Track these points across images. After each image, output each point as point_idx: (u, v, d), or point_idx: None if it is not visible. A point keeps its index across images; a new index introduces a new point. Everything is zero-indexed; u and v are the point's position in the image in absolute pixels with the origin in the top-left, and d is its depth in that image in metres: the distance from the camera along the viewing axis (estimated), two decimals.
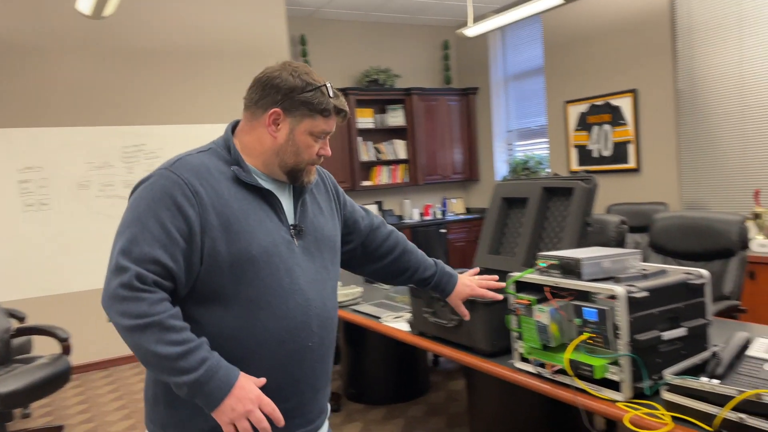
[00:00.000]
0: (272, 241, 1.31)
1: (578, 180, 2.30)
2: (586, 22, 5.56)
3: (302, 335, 1.33)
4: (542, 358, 1.83)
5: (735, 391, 1.36)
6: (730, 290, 2.93)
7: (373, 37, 7.03)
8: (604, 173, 5.47)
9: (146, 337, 1.16)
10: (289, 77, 1.32)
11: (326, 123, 1.35)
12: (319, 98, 1.33)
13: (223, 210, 1.26)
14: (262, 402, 1.21)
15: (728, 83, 4.52)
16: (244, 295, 1.26)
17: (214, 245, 1.24)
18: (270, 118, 1.33)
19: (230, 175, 1.31)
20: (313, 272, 1.37)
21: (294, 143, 1.34)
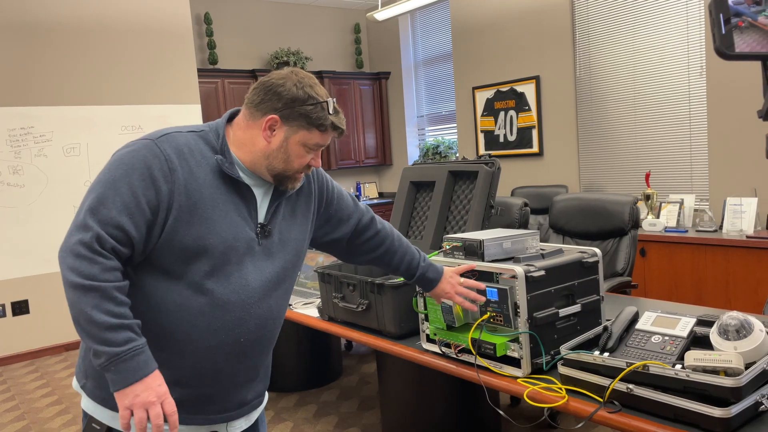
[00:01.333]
0: (233, 234, 1.32)
1: (482, 164, 2.34)
2: (492, 9, 5.69)
3: (236, 330, 1.34)
4: (447, 339, 1.86)
5: (624, 363, 1.44)
6: (622, 267, 3.11)
7: (282, 18, 6.86)
8: (510, 157, 5.65)
9: (87, 298, 1.18)
10: (293, 87, 1.34)
11: (321, 137, 1.37)
12: (319, 113, 1.35)
13: (194, 193, 1.28)
14: (166, 400, 1.21)
15: (622, 72, 4.78)
16: (190, 277, 1.29)
17: (176, 225, 1.26)
18: (267, 123, 1.34)
19: (212, 163, 1.32)
20: (267, 273, 1.38)
21: (286, 151, 1.35)
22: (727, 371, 1.33)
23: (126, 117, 5.03)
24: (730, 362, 1.33)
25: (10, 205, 4.60)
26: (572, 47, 5.07)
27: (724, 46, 1.19)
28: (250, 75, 6.26)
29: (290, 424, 3.24)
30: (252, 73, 6.25)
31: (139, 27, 5.07)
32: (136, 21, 5.05)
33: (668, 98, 4.51)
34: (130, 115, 5.04)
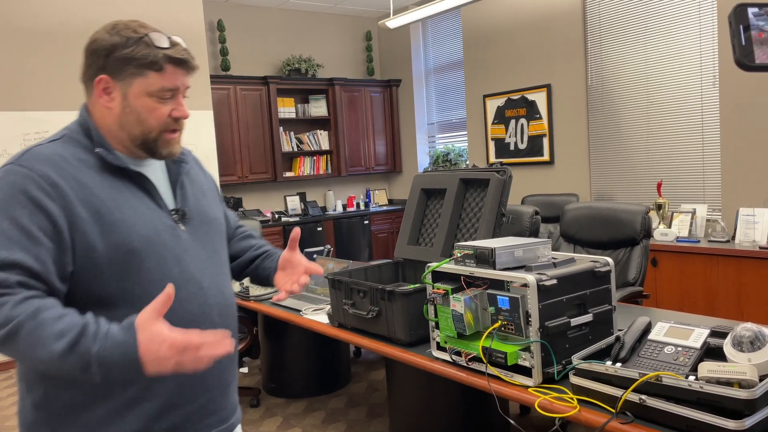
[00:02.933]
0: (153, 228, 1.18)
1: (493, 171, 2.34)
2: (504, 17, 5.69)
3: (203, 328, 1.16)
4: (458, 347, 1.85)
5: (636, 374, 1.43)
6: (634, 277, 3.09)
7: (294, 26, 6.90)
8: (520, 165, 5.64)
9: (21, 342, 1.00)
10: (106, 35, 1.17)
11: (163, 78, 1.17)
12: (143, 51, 1.15)
13: (91, 201, 1.12)
14: (175, 341, 1.01)
15: (634, 80, 4.77)
16: (130, 292, 1.13)
17: (87, 241, 1.10)
18: (99, 88, 1.17)
19: (93, 162, 1.16)
20: (204, 258, 1.26)
21: (132, 110, 1.17)
22: (741, 383, 1.32)
23: None
24: (745, 374, 1.32)
25: None
26: (584, 56, 5.06)
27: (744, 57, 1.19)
28: (262, 82, 6.30)
29: (299, 431, 3.23)
30: (264, 79, 6.29)
31: None
32: None
33: (681, 107, 4.48)
34: None
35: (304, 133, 6.80)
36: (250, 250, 1.54)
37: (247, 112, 6.22)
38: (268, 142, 6.37)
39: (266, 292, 3.24)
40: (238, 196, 6.38)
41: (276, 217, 6.49)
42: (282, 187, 6.82)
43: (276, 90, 6.40)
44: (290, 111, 6.61)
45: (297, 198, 6.85)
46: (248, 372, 4.22)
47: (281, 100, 6.51)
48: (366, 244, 6.89)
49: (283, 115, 6.51)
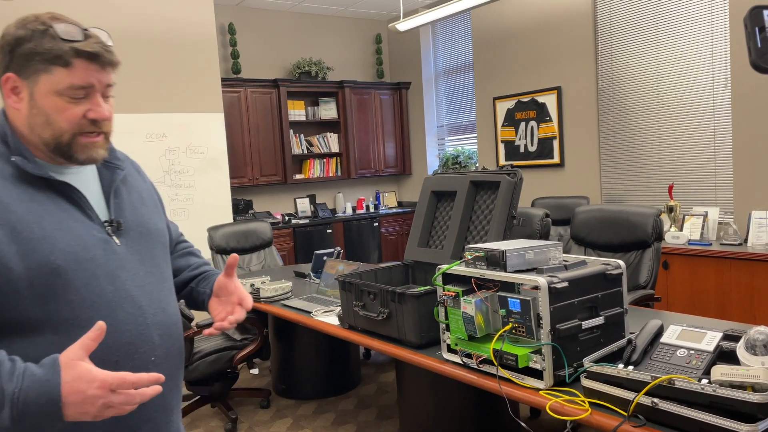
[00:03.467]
0: (81, 244, 1.06)
1: (504, 174, 2.34)
2: (513, 19, 5.69)
3: (141, 350, 1.09)
4: (468, 349, 1.85)
5: (648, 377, 1.43)
6: (645, 280, 3.08)
7: (304, 29, 6.93)
8: (530, 168, 5.63)
9: None
10: (12, 29, 1.04)
11: (71, 74, 1.04)
12: (48, 44, 1.02)
13: (6, 217, 1.00)
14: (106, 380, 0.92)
15: (645, 82, 4.74)
16: (56, 316, 1.01)
17: (3, 262, 0.97)
18: (6, 87, 1.06)
19: (10, 172, 1.04)
20: (143, 274, 1.14)
21: (40, 111, 1.05)
22: (754, 387, 1.31)
23: (151, 125, 5.11)
24: (758, 377, 1.31)
25: None
26: (594, 58, 5.05)
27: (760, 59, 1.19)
28: (272, 84, 6.32)
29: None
30: (274, 82, 6.32)
31: (165, 37, 5.16)
32: (162, 31, 5.14)
33: (692, 109, 4.46)
34: (154, 123, 5.12)
35: (314, 135, 6.82)
36: (187, 269, 1.42)
37: (257, 114, 6.25)
38: (278, 144, 6.40)
39: (276, 294, 3.25)
40: (249, 198, 6.41)
41: (286, 219, 6.51)
42: (292, 189, 6.85)
43: (286, 93, 6.42)
44: (300, 114, 6.63)
45: (307, 200, 6.87)
46: (258, 373, 4.24)
47: (291, 103, 6.54)
48: (375, 247, 6.90)
49: (293, 118, 6.53)
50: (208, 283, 1.36)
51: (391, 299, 2.27)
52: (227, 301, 1.30)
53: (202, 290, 1.36)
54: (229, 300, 1.30)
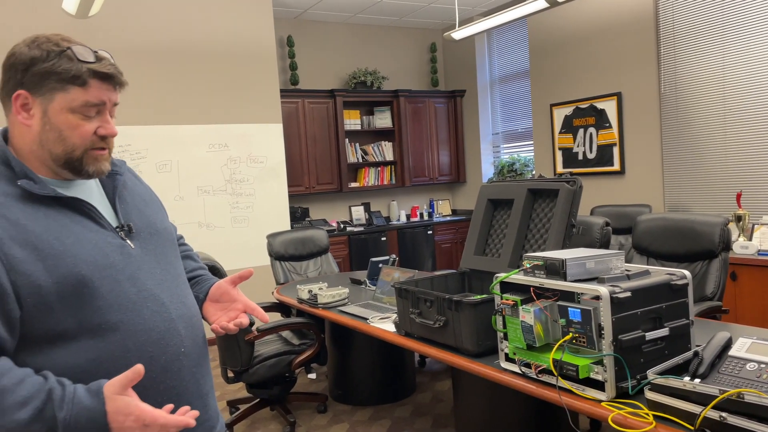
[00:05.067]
0: (100, 252, 1.11)
1: (563, 182, 2.32)
2: (571, 26, 5.61)
3: (171, 343, 1.16)
4: (527, 358, 1.84)
5: (717, 390, 1.39)
6: (712, 291, 2.97)
7: (360, 39, 7.03)
8: (589, 175, 5.52)
9: None
10: (25, 49, 1.09)
11: (87, 93, 1.10)
12: (65, 65, 1.09)
13: (26, 238, 1.04)
14: (143, 414, 1.02)
15: (711, 87, 4.58)
16: (88, 323, 1.07)
17: (32, 281, 1.03)
18: (17, 104, 1.10)
19: (19, 194, 1.08)
20: (159, 272, 1.20)
21: (53, 127, 1.10)
22: None
23: (213, 135, 5.30)
24: None
25: None
26: (656, 63, 4.91)
27: None
28: (329, 95, 6.44)
29: None
30: (331, 92, 6.44)
31: (227, 50, 5.35)
32: (224, 45, 5.33)
33: (761, 115, 4.28)
34: (216, 134, 5.31)
35: (368, 144, 6.90)
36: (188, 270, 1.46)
37: (314, 124, 6.38)
38: (334, 153, 6.50)
39: (334, 300, 3.31)
40: (305, 206, 6.54)
41: (341, 226, 6.60)
42: (347, 197, 6.94)
43: (342, 102, 6.53)
44: (356, 123, 6.73)
45: (361, 208, 6.95)
46: (316, 378, 4.31)
47: (347, 113, 6.64)
48: (429, 255, 6.90)
49: (348, 127, 6.63)
50: (202, 288, 1.40)
51: (448, 307, 2.27)
52: (230, 307, 1.35)
53: (196, 294, 1.39)
54: (232, 306, 1.35)
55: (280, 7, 6.07)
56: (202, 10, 5.23)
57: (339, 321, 3.11)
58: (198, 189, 5.24)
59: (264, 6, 5.51)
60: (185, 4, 5.16)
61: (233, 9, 5.37)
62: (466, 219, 7.05)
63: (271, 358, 3.35)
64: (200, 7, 5.22)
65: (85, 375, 1.06)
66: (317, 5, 6.16)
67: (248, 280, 1.42)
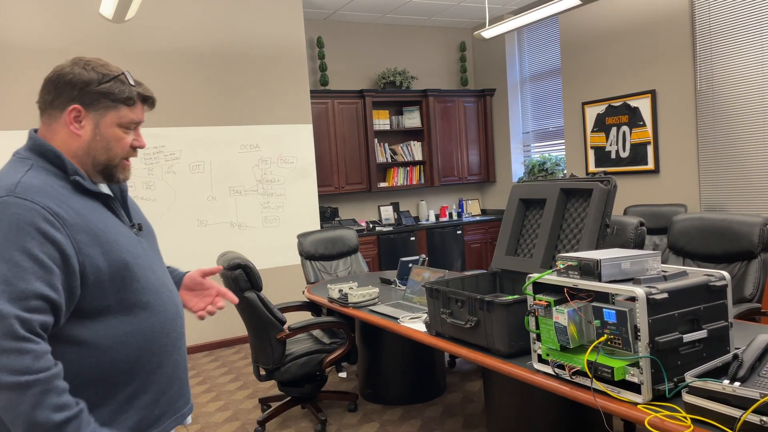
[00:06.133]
0: (132, 243, 1.32)
1: (597, 181, 2.29)
2: (604, 22, 5.53)
3: (177, 323, 1.38)
4: (561, 360, 1.82)
5: (757, 394, 1.36)
6: (751, 293, 2.90)
7: (389, 39, 7.04)
8: (622, 174, 5.43)
9: (25, 398, 1.05)
10: (82, 71, 1.27)
11: (132, 112, 1.32)
12: (120, 88, 1.29)
13: (87, 225, 1.21)
14: None
15: (749, 83, 4.47)
16: (127, 300, 1.26)
17: (93, 262, 1.20)
18: (70, 116, 1.26)
19: (71, 189, 1.25)
20: (159, 264, 1.42)
21: (102, 138, 1.29)
22: None
23: (245, 136, 5.37)
24: None
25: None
26: (692, 59, 4.81)
27: None
28: (358, 95, 6.47)
29: None
30: (360, 93, 6.46)
31: (259, 53, 5.42)
32: (255, 47, 5.40)
33: None
34: (248, 135, 5.38)
35: (398, 144, 6.91)
36: None
37: (344, 124, 6.42)
38: (363, 153, 6.53)
39: (364, 300, 3.32)
40: (335, 206, 6.58)
41: (370, 226, 6.62)
42: (376, 197, 6.96)
43: (371, 103, 6.55)
44: (385, 123, 6.74)
45: (390, 208, 6.96)
46: (346, 377, 4.33)
47: (376, 113, 6.66)
48: (459, 255, 6.87)
49: (378, 127, 6.65)
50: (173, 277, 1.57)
51: (480, 307, 2.27)
52: (205, 294, 1.57)
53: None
54: (207, 293, 1.57)
55: (310, 9, 6.11)
56: (233, 13, 5.30)
57: (369, 320, 3.12)
58: (230, 189, 5.32)
59: (294, 8, 5.56)
60: (217, 8, 5.24)
61: (264, 11, 5.43)
62: (496, 219, 7.00)
63: (302, 357, 3.38)
64: (231, 10, 5.30)
65: (121, 346, 1.24)
66: (347, 6, 6.19)
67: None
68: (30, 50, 4.63)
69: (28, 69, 4.61)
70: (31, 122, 4.57)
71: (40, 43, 4.66)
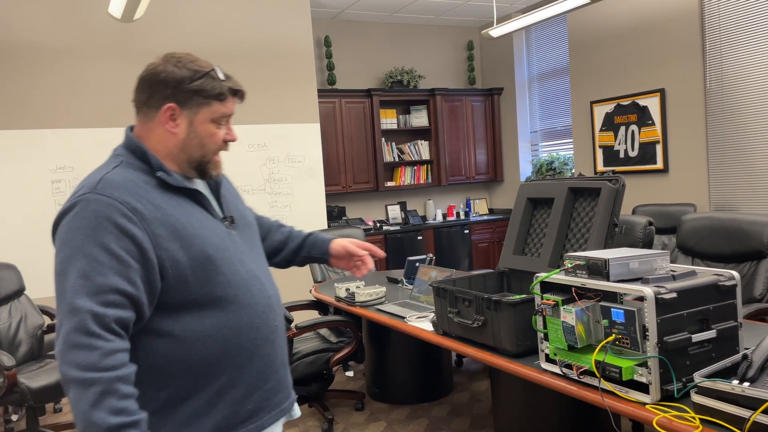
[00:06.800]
0: (219, 236, 1.31)
1: (605, 180, 2.28)
2: (612, 21, 5.50)
3: (269, 317, 1.36)
4: (568, 359, 1.82)
5: (767, 395, 1.34)
6: (760, 293, 2.88)
7: (397, 38, 7.04)
8: (631, 174, 5.40)
9: (86, 395, 1.07)
10: (174, 69, 1.29)
11: (224, 107, 1.34)
12: (211, 83, 1.31)
13: (167, 220, 1.23)
14: None
15: (759, 83, 4.43)
16: (212, 294, 1.26)
17: (172, 256, 1.21)
18: (166, 115, 1.29)
19: (155, 184, 1.27)
20: (254, 256, 1.41)
21: (197, 135, 1.31)
22: None
23: (252, 135, 5.38)
24: None
25: None
26: (701, 58, 4.78)
27: None
28: (365, 94, 6.47)
29: None
30: (368, 92, 6.46)
31: (266, 52, 5.43)
32: (263, 46, 5.41)
33: None
34: (256, 134, 5.39)
35: (405, 143, 6.90)
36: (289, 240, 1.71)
37: (351, 124, 6.42)
38: (370, 152, 6.53)
39: (371, 299, 3.32)
40: (342, 205, 6.58)
41: (378, 225, 6.62)
42: (383, 196, 6.95)
43: (379, 102, 6.55)
44: (392, 122, 6.74)
45: (398, 207, 6.95)
46: (353, 376, 4.34)
47: (383, 112, 6.66)
48: (466, 254, 6.86)
49: (385, 126, 6.65)
50: (320, 248, 1.69)
51: (487, 307, 2.26)
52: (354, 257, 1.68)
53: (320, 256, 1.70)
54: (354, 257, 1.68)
55: (318, 8, 6.12)
56: (241, 12, 5.31)
57: (376, 319, 3.12)
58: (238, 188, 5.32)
59: (302, 7, 5.56)
60: (225, 7, 5.25)
61: (272, 11, 5.44)
62: (504, 218, 6.99)
63: (309, 355, 3.39)
64: (239, 10, 5.31)
65: (208, 339, 1.25)
66: (354, 5, 6.19)
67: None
68: (38, 49, 4.66)
69: (35, 68, 4.64)
70: (37, 121, 4.61)
71: (48, 42, 4.69)
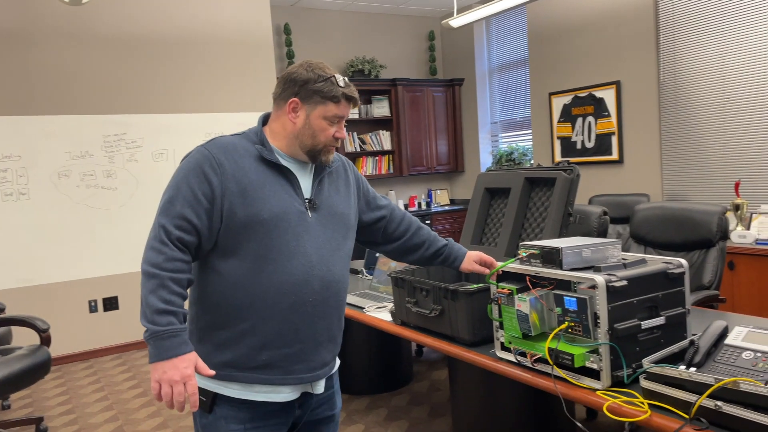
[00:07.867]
0: (283, 208, 1.52)
1: (560, 170, 2.30)
2: (571, 13, 5.57)
3: (303, 291, 1.52)
4: (523, 347, 1.83)
5: (712, 379, 1.38)
6: (709, 280, 2.96)
7: (357, 27, 6.98)
8: (587, 164, 5.50)
9: (148, 283, 1.40)
10: (303, 71, 1.56)
11: (338, 108, 1.57)
12: (330, 87, 1.55)
13: (242, 179, 1.49)
14: (189, 381, 1.38)
15: (710, 76, 4.56)
16: (254, 251, 1.49)
17: (232, 208, 1.48)
18: (290, 107, 1.56)
19: (255, 154, 1.54)
20: (322, 240, 1.57)
21: (310, 127, 1.56)
22: None
23: (209, 124, 5.26)
24: None
25: (104, 206, 4.92)
26: (656, 51, 4.88)
27: None
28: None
29: (361, 427, 3.28)
30: None
31: (223, 38, 5.31)
32: (220, 33, 5.29)
33: (759, 103, 4.26)
34: (213, 123, 5.28)
35: (366, 133, 6.87)
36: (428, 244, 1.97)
37: None
38: None
39: None
40: None
41: None
42: None
43: None
44: (353, 112, 6.69)
45: None
46: None
47: None
48: None
49: None
50: (455, 260, 1.99)
51: (444, 296, 2.27)
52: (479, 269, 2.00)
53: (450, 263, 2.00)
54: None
55: None
56: None
57: None
58: None
59: None
60: None
61: None
62: (465, 208, 7.04)
63: None
64: None
65: (241, 285, 1.48)
66: None
67: None
68: None
69: None
70: None
71: None
